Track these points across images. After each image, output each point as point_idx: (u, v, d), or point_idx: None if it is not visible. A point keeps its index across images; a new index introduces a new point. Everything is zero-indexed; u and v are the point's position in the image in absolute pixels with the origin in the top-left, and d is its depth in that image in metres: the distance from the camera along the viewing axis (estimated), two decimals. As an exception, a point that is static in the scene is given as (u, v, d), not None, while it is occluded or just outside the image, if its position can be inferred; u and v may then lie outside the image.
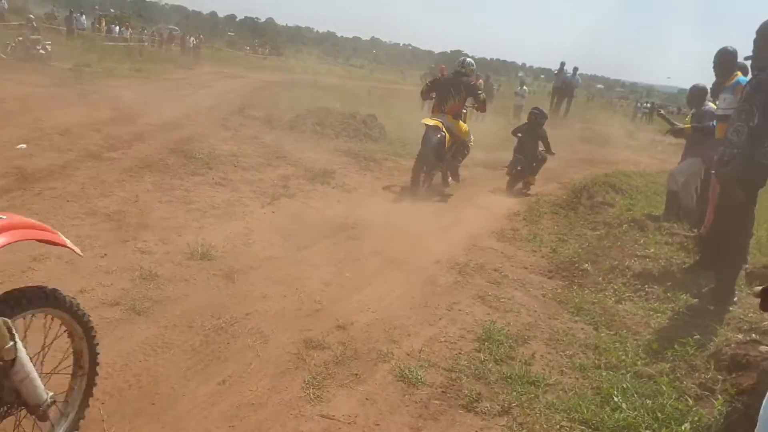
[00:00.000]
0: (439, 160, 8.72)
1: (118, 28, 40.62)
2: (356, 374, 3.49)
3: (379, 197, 7.98)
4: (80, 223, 5.26)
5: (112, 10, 61.27)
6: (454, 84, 8.87)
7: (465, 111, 9.11)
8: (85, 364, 2.54)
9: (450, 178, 9.29)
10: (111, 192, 6.25)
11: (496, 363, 3.82)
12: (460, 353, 3.93)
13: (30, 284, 2.30)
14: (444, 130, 8.52)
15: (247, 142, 10.17)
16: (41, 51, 20.37)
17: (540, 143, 10.33)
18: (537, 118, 10.41)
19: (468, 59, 9.26)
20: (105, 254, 4.64)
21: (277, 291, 4.45)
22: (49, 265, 4.28)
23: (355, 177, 9.00)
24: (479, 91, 9.09)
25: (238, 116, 13.10)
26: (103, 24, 41.13)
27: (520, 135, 10.34)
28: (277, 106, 14.31)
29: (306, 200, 7.26)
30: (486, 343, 4.06)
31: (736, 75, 6.18)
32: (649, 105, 43.46)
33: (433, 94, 9.07)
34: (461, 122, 9.03)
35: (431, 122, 8.56)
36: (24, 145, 7.56)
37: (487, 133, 13.72)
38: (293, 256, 5.28)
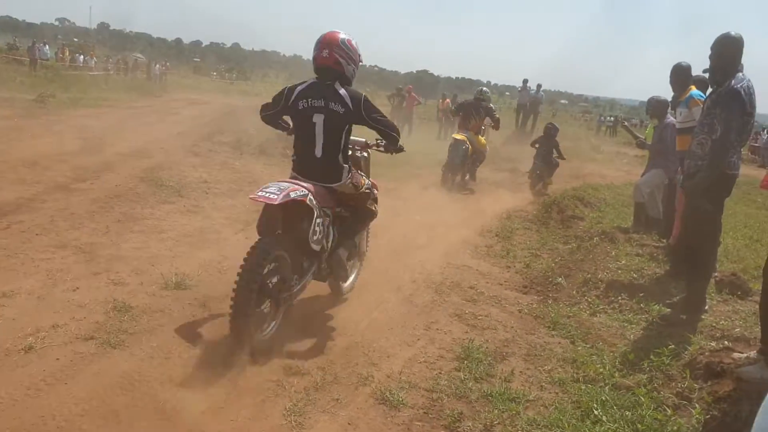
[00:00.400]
0: (463, 165, 11.29)
1: (82, 57, 40.37)
2: (337, 399, 3.48)
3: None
4: (51, 256, 5.16)
5: (75, 39, 60.80)
6: (475, 107, 11.58)
7: (484, 128, 11.73)
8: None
9: (468, 178, 11.76)
10: (81, 224, 6.14)
11: (477, 381, 3.84)
12: (440, 373, 3.94)
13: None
14: (468, 142, 11.14)
15: (217, 167, 10.11)
16: None
17: (554, 150, 12.55)
18: (550, 131, 12.78)
19: (485, 89, 12.24)
20: (77, 287, 4.56)
21: (254, 318, 4.40)
22: (19, 300, 4.20)
23: (327, 199, 8.95)
24: (494, 113, 11.79)
25: (207, 142, 12.96)
26: (67, 53, 40.83)
27: (537, 146, 12.55)
28: (245, 130, 14.20)
29: (279, 225, 7.20)
30: (465, 362, 4.08)
31: (690, 89, 6.37)
32: (612, 118, 44.30)
33: (461, 113, 11.77)
34: (480, 137, 11.65)
35: (459, 136, 11.29)
36: (-11, 179, 7.42)
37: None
38: (269, 282, 5.23)
